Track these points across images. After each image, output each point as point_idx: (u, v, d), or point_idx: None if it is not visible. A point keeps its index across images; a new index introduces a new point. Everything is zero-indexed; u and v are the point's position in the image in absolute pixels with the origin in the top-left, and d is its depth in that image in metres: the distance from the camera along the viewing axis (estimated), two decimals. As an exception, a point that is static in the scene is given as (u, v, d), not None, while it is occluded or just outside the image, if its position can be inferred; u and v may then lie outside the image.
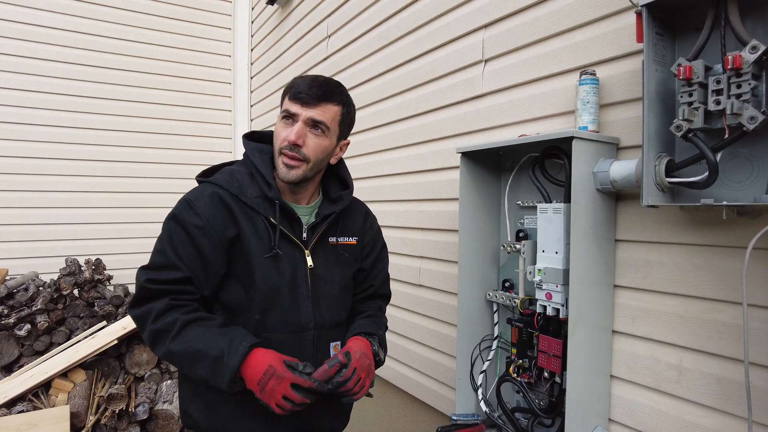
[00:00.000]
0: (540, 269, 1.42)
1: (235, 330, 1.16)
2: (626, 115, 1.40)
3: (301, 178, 1.25)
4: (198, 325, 1.15)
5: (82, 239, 3.93)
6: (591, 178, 1.35)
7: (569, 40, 1.57)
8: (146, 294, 1.16)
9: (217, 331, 1.14)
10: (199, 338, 1.12)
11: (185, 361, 1.14)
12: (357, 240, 1.40)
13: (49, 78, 3.83)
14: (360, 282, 1.45)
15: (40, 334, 3.03)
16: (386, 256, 1.52)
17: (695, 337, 1.24)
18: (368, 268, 1.44)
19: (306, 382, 1.10)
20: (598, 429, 1.40)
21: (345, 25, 2.89)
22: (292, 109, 1.22)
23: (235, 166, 1.32)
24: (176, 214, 1.21)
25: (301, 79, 1.25)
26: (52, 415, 2.55)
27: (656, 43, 1.21)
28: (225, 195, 1.22)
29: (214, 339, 1.12)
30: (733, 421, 1.17)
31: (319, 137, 1.24)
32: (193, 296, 1.19)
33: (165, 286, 1.16)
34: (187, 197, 1.23)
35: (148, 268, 1.19)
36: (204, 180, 1.29)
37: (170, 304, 1.15)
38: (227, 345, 1.10)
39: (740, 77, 1.04)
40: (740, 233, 1.16)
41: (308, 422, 1.29)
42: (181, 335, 1.12)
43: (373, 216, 1.50)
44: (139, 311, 1.16)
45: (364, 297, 1.47)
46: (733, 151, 1.14)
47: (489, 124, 1.87)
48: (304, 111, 1.21)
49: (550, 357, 1.42)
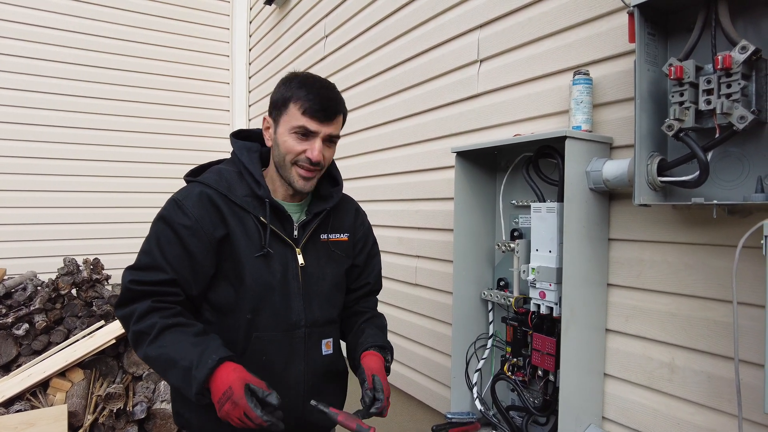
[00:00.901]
0: (533, 268, 1.43)
1: (208, 341, 1.14)
2: (619, 114, 1.41)
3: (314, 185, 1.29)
4: (175, 331, 1.13)
5: (80, 239, 3.94)
6: (584, 178, 1.36)
7: (563, 41, 1.58)
8: (130, 295, 1.17)
9: (192, 340, 1.12)
10: (173, 345, 1.10)
11: (159, 368, 1.14)
12: (348, 236, 1.41)
13: (46, 78, 3.84)
14: (354, 279, 1.46)
15: (38, 333, 3.04)
16: (378, 251, 1.53)
17: (687, 335, 1.25)
18: (362, 265, 1.45)
19: (257, 418, 1.01)
20: (592, 427, 1.40)
21: (342, 25, 2.90)
22: (312, 127, 1.21)
23: (223, 165, 1.32)
24: (164, 215, 1.21)
25: (308, 90, 1.21)
26: (49, 414, 2.55)
27: (648, 44, 1.21)
28: (213, 194, 1.22)
29: (187, 348, 1.10)
30: (723, 419, 1.18)
31: (331, 147, 1.28)
32: (177, 298, 1.19)
33: (149, 287, 1.16)
34: (176, 197, 1.23)
35: (133, 268, 1.20)
36: (192, 179, 1.29)
37: (152, 306, 1.15)
38: (198, 356, 1.08)
39: (730, 77, 1.05)
40: (731, 232, 1.17)
41: (301, 419, 1.29)
42: (158, 340, 1.11)
43: (364, 212, 1.51)
44: (123, 312, 1.17)
45: (360, 295, 1.48)
46: (724, 151, 1.15)
47: (484, 124, 1.88)
48: (324, 128, 1.22)
49: (544, 355, 1.43)
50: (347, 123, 3.15)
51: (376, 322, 1.44)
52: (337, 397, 1.42)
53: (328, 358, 1.34)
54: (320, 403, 1.16)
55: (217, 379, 1.07)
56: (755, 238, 1.01)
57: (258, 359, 1.24)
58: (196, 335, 1.14)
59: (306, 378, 1.29)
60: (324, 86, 1.25)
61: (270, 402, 1.04)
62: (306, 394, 1.29)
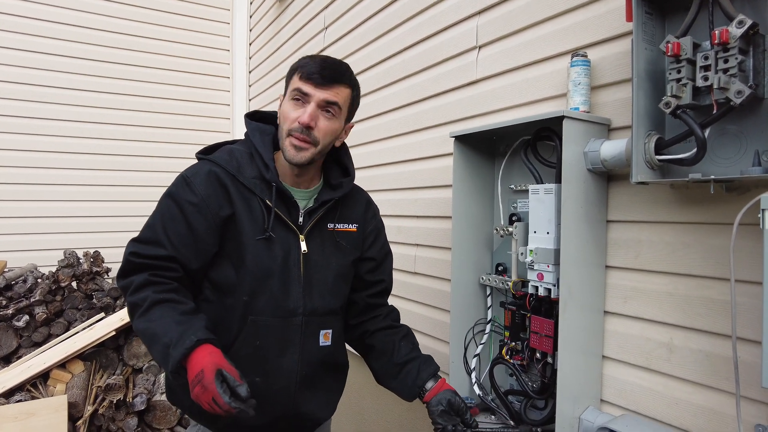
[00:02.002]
0: (531, 249, 1.43)
1: (193, 320, 1.13)
2: (617, 96, 1.41)
3: (309, 161, 1.25)
4: (164, 306, 1.13)
5: (80, 232, 3.94)
6: (582, 159, 1.35)
7: (561, 24, 1.57)
8: (129, 267, 1.19)
9: (178, 318, 1.12)
10: (159, 320, 1.11)
11: (145, 341, 1.15)
12: (357, 227, 1.39)
13: (48, 72, 3.84)
14: (369, 273, 1.44)
15: (39, 325, 3.05)
16: (390, 250, 1.53)
17: (685, 314, 1.25)
18: (378, 259, 1.44)
19: (225, 404, 0.98)
20: (590, 409, 1.40)
21: (341, 16, 2.90)
22: (305, 89, 1.19)
23: (236, 145, 1.32)
24: (172, 191, 1.23)
25: (311, 59, 1.23)
26: (50, 404, 2.56)
27: (645, 22, 1.21)
28: (222, 174, 1.23)
29: (170, 326, 1.10)
30: (721, 397, 1.18)
31: (330, 120, 1.23)
32: (174, 274, 1.20)
33: (147, 260, 1.18)
34: (185, 174, 1.25)
35: (136, 240, 1.22)
36: (203, 157, 1.29)
37: (148, 280, 1.16)
38: (178, 335, 1.08)
39: (727, 52, 1.04)
40: (728, 209, 1.16)
41: (294, 408, 1.29)
42: (147, 314, 1.12)
43: (376, 206, 1.49)
44: (123, 283, 1.20)
45: (374, 293, 1.46)
46: (721, 128, 1.15)
47: (483, 110, 1.88)
48: (318, 92, 1.19)
49: (542, 337, 1.43)
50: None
51: (413, 339, 1.47)
52: (333, 389, 1.40)
53: (325, 350, 1.32)
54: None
55: (192, 360, 1.06)
56: (752, 215, 1.01)
57: (252, 343, 1.23)
58: (182, 314, 1.13)
59: (300, 367, 1.28)
60: (326, 57, 1.25)
61: (239, 393, 1.00)
62: (299, 383, 1.28)
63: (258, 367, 1.23)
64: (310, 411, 1.32)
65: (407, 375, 1.36)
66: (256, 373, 1.22)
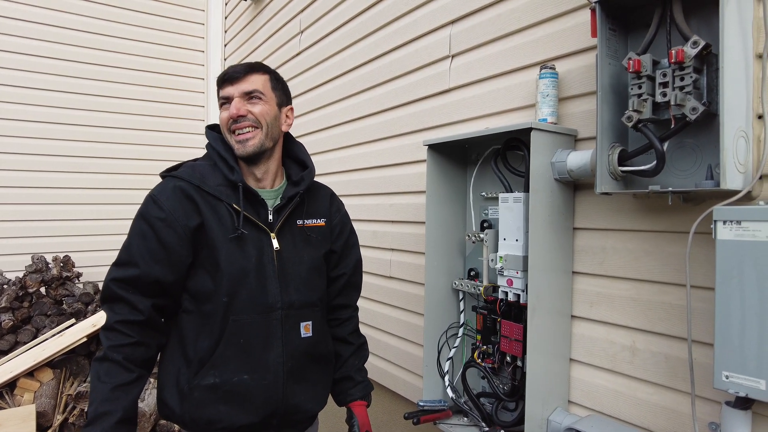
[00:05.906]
0: (501, 256, 1.47)
1: (120, 398, 1.19)
2: (584, 107, 1.46)
3: (260, 147, 1.30)
4: (110, 369, 1.19)
5: (50, 236, 3.82)
6: (549, 168, 1.40)
7: (530, 36, 1.62)
8: (108, 293, 1.25)
9: (108, 391, 1.18)
10: (97, 380, 1.19)
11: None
12: (325, 221, 1.45)
13: (12, 71, 3.72)
14: (332, 267, 1.48)
15: (5, 333, 2.97)
16: (356, 242, 1.56)
17: (646, 318, 1.31)
18: (339, 251, 1.48)
19: None
20: (558, 410, 1.45)
21: (317, 20, 2.90)
22: (224, 93, 1.30)
23: (198, 161, 1.38)
24: (142, 211, 1.28)
25: (224, 69, 1.35)
26: (17, 414, 2.50)
27: (609, 38, 1.26)
28: (187, 186, 1.28)
29: (99, 393, 1.18)
30: (678, 396, 1.24)
31: (258, 104, 1.31)
32: (148, 302, 1.24)
33: (123, 289, 1.23)
34: (151, 193, 1.30)
35: (115, 264, 1.27)
36: (167, 174, 1.34)
37: (115, 326, 1.22)
38: (97, 413, 1.16)
39: (683, 70, 1.10)
40: (685, 219, 1.22)
41: (284, 402, 1.31)
42: (100, 364, 1.20)
43: (340, 200, 1.54)
44: (103, 309, 1.26)
45: (338, 288, 1.50)
46: (679, 141, 1.21)
47: (456, 118, 1.92)
48: (234, 88, 1.29)
49: (512, 341, 1.47)
50: (322, 118, 3.15)
51: (362, 355, 1.55)
52: (321, 381, 1.43)
53: (307, 341, 1.36)
54: None
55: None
56: (706, 224, 1.07)
57: (236, 342, 1.26)
58: (114, 389, 1.18)
59: (285, 360, 1.31)
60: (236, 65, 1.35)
61: None
62: (286, 376, 1.31)
63: (245, 364, 1.27)
64: (301, 403, 1.35)
65: (340, 391, 1.51)
66: (244, 370, 1.26)
